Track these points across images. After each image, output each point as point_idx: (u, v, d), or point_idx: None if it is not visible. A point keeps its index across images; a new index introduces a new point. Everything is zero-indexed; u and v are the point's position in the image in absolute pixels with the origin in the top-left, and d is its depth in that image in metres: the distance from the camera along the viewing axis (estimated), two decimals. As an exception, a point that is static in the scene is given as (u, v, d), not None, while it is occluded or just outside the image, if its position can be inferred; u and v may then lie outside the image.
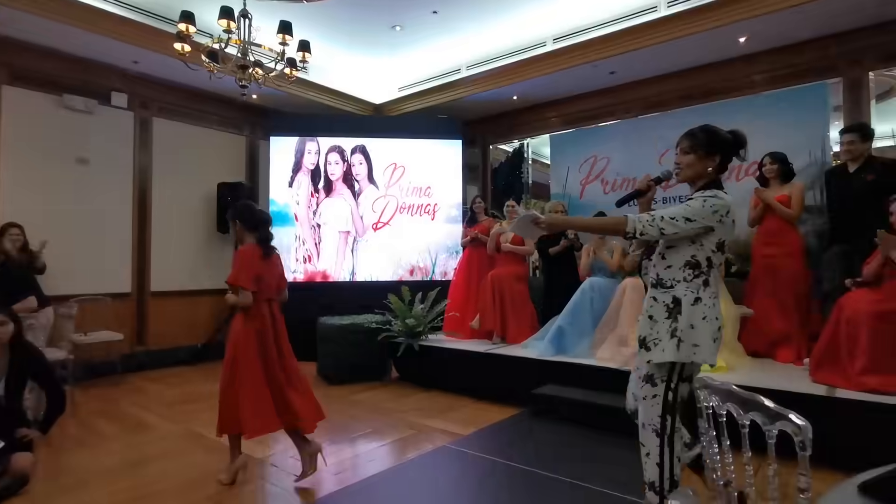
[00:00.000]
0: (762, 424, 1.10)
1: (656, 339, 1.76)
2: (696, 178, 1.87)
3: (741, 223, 4.01)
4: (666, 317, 1.76)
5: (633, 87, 5.40)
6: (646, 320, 1.81)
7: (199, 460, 2.83)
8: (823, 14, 3.96)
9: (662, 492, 1.73)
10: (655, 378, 1.77)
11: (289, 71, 3.98)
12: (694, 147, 1.85)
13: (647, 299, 1.84)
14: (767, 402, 1.10)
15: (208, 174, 5.94)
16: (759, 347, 3.63)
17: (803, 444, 0.99)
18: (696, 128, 1.90)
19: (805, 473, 1.01)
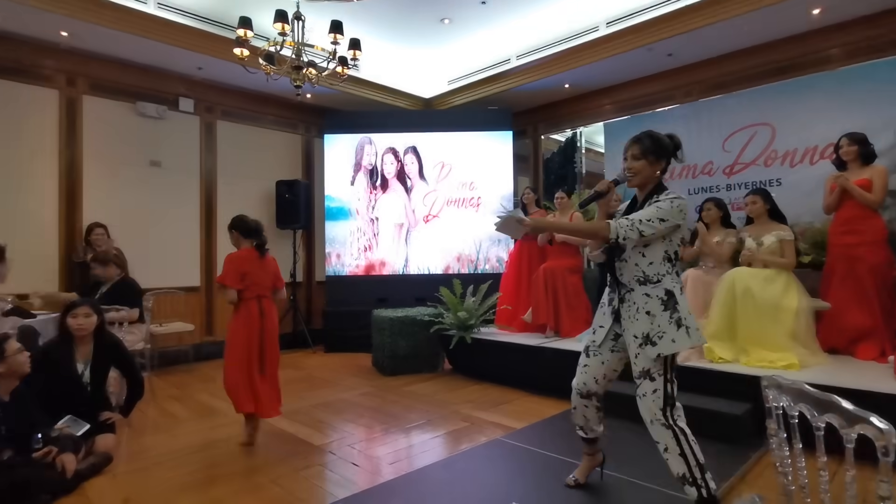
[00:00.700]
0: (839, 427, 1.02)
1: (661, 333, 1.83)
2: (646, 182, 2.00)
3: (816, 209, 3.76)
4: (663, 310, 1.85)
5: (692, 69, 5.13)
6: (644, 317, 1.87)
7: (263, 445, 2.98)
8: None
9: (696, 480, 1.79)
10: (653, 372, 1.85)
11: (340, 69, 4.07)
12: (645, 153, 1.97)
13: (639, 297, 1.90)
14: (845, 403, 1.02)
15: (267, 173, 6.20)
16: (837, 344, 3.38)
17: (886, 449, 0.91)
18: (642, 134, 2.01)
19: (887, 481, 0.93)
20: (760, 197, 3.62)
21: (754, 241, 3.58)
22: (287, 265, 6.25)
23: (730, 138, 4.50)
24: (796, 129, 4.15)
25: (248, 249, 3.12)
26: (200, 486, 2.44)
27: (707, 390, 3.08)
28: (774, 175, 4.24)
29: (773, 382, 1.24)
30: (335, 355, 5.74)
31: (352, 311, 5.88)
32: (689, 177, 4.76)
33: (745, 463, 2.54)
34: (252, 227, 3.16)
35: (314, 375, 4.80)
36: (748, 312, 3.31)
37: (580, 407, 2.17)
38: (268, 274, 3.17)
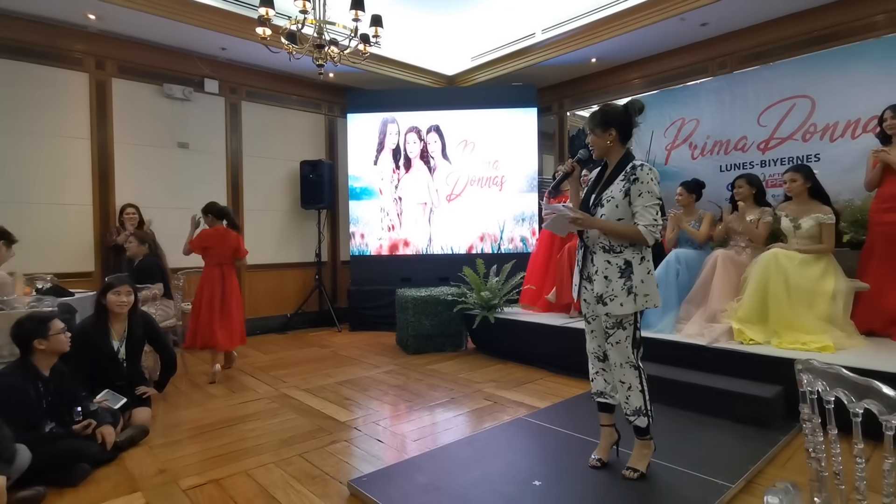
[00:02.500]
0: (878, 414, 0.98)
1: (612, 296, 2.06)
2: (605, 153, 2.17)
3: (857, 186, 3.59)
4: (619, 276, 2.06)
5: (727, 40, 4.91)
6: (601, 279, 2.09)
7: (291, 420, 3.06)
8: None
9: (648, 411, 2.12)
10: (624, 322, 2.09)
11: (362, 47, 4.02)
12: (593, 127, 2.14)
13: (601, 262, 2.10)
14: (886, 388, 0.98)
15: (291, 153, 6.24)
16: (876, 326, 3.25)
17: (929, 438, 0.87)
18: (596, 110, 2.17)
19: (930, 470, 0.89)
20: (801, 174, 3.44)
21: (791, 222, 3.44)
22: (312, 245, 6.32)
23: (766, 112, 4.31)
24: (837, 102, 3.94)
25: (217, 228, 4.06)
26: (231, 459, 2.52)
27: (737, 372, 3.03)
28: (813, 150, 4.05)
29: (807, 366, 1.19)
30: (360, 334, 5.82)
31: (376, 290, 5.93)
32: (721, 153, 4.59)
33: (774, 446, 2.48)
34: (223, 212, 4.13)
35: (339, 353, 4.89)
36: (782, 296, 3.20)
37: (599, 371, 2.29)
38: (227, 248, 4.08)
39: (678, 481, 2.14)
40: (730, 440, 2.58)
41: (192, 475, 2.36)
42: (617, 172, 2.11)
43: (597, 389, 2.31)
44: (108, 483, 2.30)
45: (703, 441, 2.57)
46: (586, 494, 2.09)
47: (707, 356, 3.20)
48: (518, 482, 2.19)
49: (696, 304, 3.62)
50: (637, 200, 2.03)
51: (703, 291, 3.62)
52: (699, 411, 2.89)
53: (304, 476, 2.33)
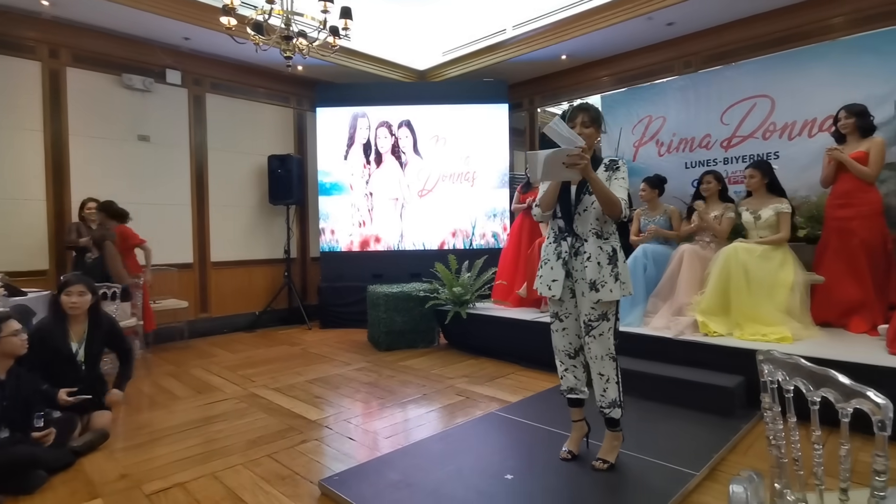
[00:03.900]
0: (835, 402, 1.02)
1: (603, 282, 2.09)
2: (591, 146, 2.16)
3: (813, 183, 3.74)
4: (608, 263, 2.11)
5: (692, 39, 5.03)
6: (594, 265, 2.11)
7: (260, 420, 3.00)
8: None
9: (622, 403, 2.19)
10: (609, 314, 2.13)
11: (332, 39, 3.95)
12: (593, 120, 2.16)
13: (593, 248, 2.11)
14: (842, 377, 1.02)
15: (259, 147, 6.10)
16: (830, 317, 3.40)
17: (882, 423, 0.91)
18: (586, 104, 2.20)
19: (883, 455, 0.93)
20: (759, 171, 3.58)
21: (751, 215, 3.56)
22: (281, 241, 6.20)
23: (728, 110, 4.44)
24: (796, 102, 4.09)
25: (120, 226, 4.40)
26: (198, 461, 2.46)
27: (701, 363, 3.12)
28: (772, 148, 4.20)
29: (768, 356, 1.23)
30: (330, 331, 5.75)
31: (347, 286, 5.87)
32: (686, 150, 4.71)
33: (736, 434, 2.57)
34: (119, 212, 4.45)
35: (310, 351, 4.82)
36: (743, 288, 3.32)
37: (570, 368, 2.30)
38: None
39: (645, 471, 2.19)
40: (694, 429, 2.66)
41: (156, 479, 2.28)
42: (595, 165, 2.14)
43: (567, 386, 2.32)
44: (65, 489, 2.21)
45: (669, 431, 2.64)
46: (557, 486, 2.12)
47: (673, 348, 3.28)
48: (490, 476, 2.20)
49: (664, 297, 3.71)
50: (614, 182, 2.11)
51: (669, 285, 3.72)
52: (665, 402, 2.97)
53: (274, 477, 2.29)
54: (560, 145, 1.98)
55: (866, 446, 0.97)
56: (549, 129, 2.00)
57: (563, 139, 1.97)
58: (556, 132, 1.98)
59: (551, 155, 1.95)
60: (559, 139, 1.99)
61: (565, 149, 1.94)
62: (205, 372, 4.10)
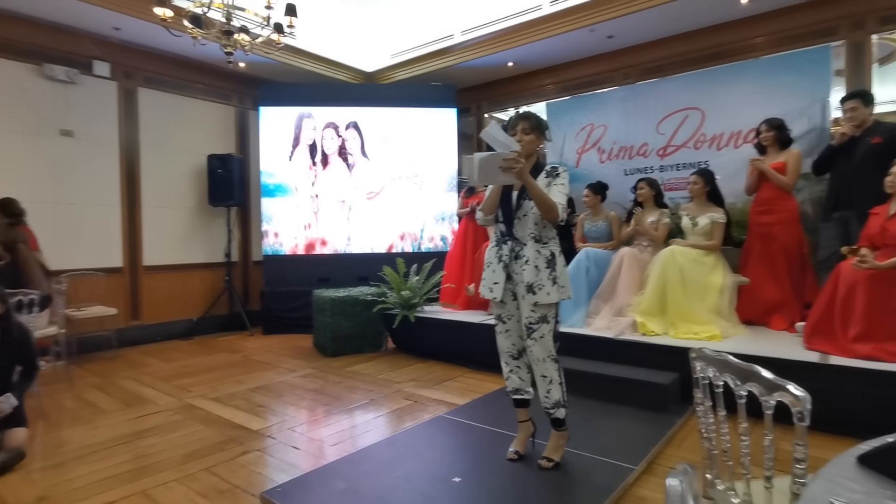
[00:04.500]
0: (759, 395, 1.09)
1: (540, 285, 2.12)
2: (531, 154, 2.22)
3: (739, 191, 4.01)
4: (546, 267, 2.14)
5: (631, 52, 5.27)
6: (532, 269, 2.14)
7: (196, 432, 2.85)
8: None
9: (566, 403, 2.23)
10: (548, 317, 2.16)
11: (276, 37, 3.84)
12: (534, 128, 2.21)
13: (531, 252, 2.15)
14: (765, 372, 1.09)
15: (197, 146, 5.82)
16: (754, 316, 3.64)
17: (801, 415, 0.98)
18: (528, 112, 2.27)
19: (802, 444, 1.00)
20: (703, 178, 3.78)
21: (690, 220, 3.77)
22: (221, 244, 5.94)
23: (663, 121, 4.68)
24: (723, 114, 4.37)
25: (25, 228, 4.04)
26: (126, 479, 2.30)
27: (639, 362, 3.25)
28: (703, 158, 4.46)
29: (700, 354, 1.30)
30: (274, 337, 5.56)
31: (291, 291, 5.70)
32: (625, 158, 4.92)
33: (671, 428, 2.70)
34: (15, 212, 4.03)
35: (252, 358, 4.64)
36: (678, 290, 3.50)
37: (514, 369, 2.35)
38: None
39: (588, 467, 2.25)
40: (633, 425, 2.77)
41: (80, 500, 2.12)
42: (536, 171, 2.19)
43: (512, 387, 2.36)
44: (-29, 518, 2.01)
45: (609, 427, 2.74)
46: (504, 487, 2.14)
47: (614, 348, 3.41)
48: (438, 480, 2.20)
49: (605, 299, 3.85)
50: (553, 188, 2.15)
51: (610, 287, 3.86)
52: (606, 400, 3.07)
53: (212, 491, 2.18)
54: (495, 149, 2.03)
55: (787, 436, 1.04)
56: (485, 133, 2.05)
57: (499, 143, 2.02)
58: (492, 137, 2.03)
59: (486, 158, 1.98)
60: (495, 143, 2.04)
61: (500, 153, 1.98)
62: (135, 383, 3.86)
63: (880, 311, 2.71)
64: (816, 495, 0.77)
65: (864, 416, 2.47)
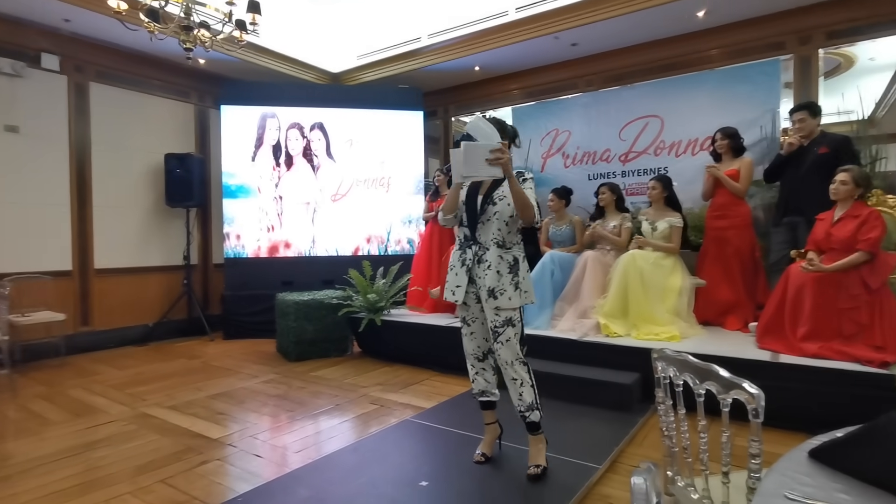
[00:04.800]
0: (717, 393, 1.12)
1: (502, 290, 2.13)
2: None
3: (696, 196, 4.16)
4: (508, 272, 2.15)
5: (594, 60, 5.39)
6: (493, 273, 2.14)
7: (152, 442, 2.73)
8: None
9: (539, 405, 2.21)
10: (514, 320, 2.17)
11: (238, 34, 3.74)
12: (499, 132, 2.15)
13: (494, 256, 2.15)
14: (722, 371, 1.12)
15: (154, 144, 5.61)
16: (710, 316, 3.77)
17: (756, 411, 1.02)
18: (491, 118, 2.25)
19: (757, 440, 1.04)
20: (661, 184, 3.89)
21: (650, 225, 3.87)
22: (179, 246, 5.74)
23: (625, 128, 4.81)
24: (681, 122, 4.53)
25: None
26: (76, 494, 2.18)
27: (603, 362, 3.32)
28: (662, 164, 4.60)
29: (661, 354, 1.34)
30: (235, 342, 5.41)
31: (254, 294, 5.56)
32: (589, 163, 5.02)
33: (633, 427, 2.76)
34: None
35: (212, 364, 4.49)
36: (639, 293, 3.59)
37: (480, 371, 2.35)
38: None
39: (553, 467, 2.28)
40: (597, 425, 2.82)
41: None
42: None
43: (478, 389, 2.36)
44: None
45: (574, 428, 2.78)
46: (471, 490, 2.14)
47: (578, 349, 3.47)
48: (405, 484, 2.18)
49: (569, 301, 3.92)
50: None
51: (575, 290, 3.93)
52: (571, 400, 3.12)
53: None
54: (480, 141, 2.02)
55: (743, 432, 1.07)
56: (471, 125, 2.04)
57: (485, 135, 2.01)
58: (478, 127, 2.02)
59: (472, 146, 1.95)
60: (480, 134, 2.02)
61: (486, 143, 1.97)
62: (85, 392, 3.67)
63: (826, 312, 2.86)
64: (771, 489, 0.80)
65: (812, 411, 2.59)
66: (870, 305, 2.78)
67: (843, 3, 4.16)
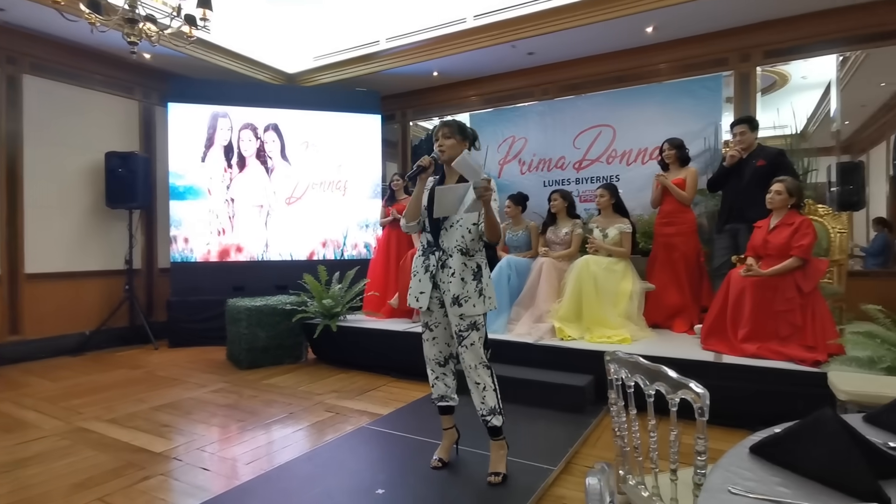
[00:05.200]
0: (666, 393, 1.16)
1: (467, 297, 2.14)
2: (454, 157, 2.18)
3: (645, 203, 4.32)
4: (472, 278, 2.17)
5: (550, 70, 5.53)
6: (458, 281, 2.15)
7: (88, 458, 2.57)
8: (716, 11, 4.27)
9: (501, 409, 2.23)
10: (478, 324, 2.18)
11: (188, 29, 3.60)
12: (453, 133, 2.23)
13: (458, 264, 2.15)
14: (671, 372, 1.16)
15: (94, 142, 5.30)
16: (659, 319, 3.92)
17: (702, 410, 1.06)
18: (449, 120, 2.31)
19: (703, 437, 1.08)
20: (609, 191, 4.02)
21: (601, 232, 3.99)
22: (121, 250, 5.44)
23: (579, 136, 4.94)
24: (632, 132, 4.70)
25: None
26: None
27: (558, 365, 3.38)
28: (614, 172, 4.76)
29: (614, 357, 1.37)
30: (182, 350, 5.17)
31: (203, 300, 5.34)
32: (544, 170, 5.13)
33: (587, 429, 2.83)
34: None
35: (156, 374, 4.27)
36: (592, 297, 3.69)
37: (440, 376, 2.34)
38: None
39: (509, 470, 2.28)
40: (552, 427, 2.87)
41: (-63, 546, 1.83)
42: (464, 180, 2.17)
43: (438, 394, 2.35)
44: None
45: (530, 430, 2.81)
46: (428, 496, 2.12)
47: (534, 353, 3.52)
48: (361, 493, 2.14)
49: (525, 306, 3.97)
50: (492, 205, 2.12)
51: (530, 295, 3.99)
52: (528, 404, 3.16)
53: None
54: (466, 177, 2.07)
55: (690, 430, 1.11)
56: (458, 162, 2.06)
57: (472, 171, 2.03)
58: (467, 164, 2.04)
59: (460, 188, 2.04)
60: (468, 171, 2.05)
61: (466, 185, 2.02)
62: (14, 406, 3.41)
63: (764, 314, 3.03)
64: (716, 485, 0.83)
65: (754, 409, 2.73)
66: (803, 308, 2.97)
67: (778, 24, 4.45)
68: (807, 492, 0.79)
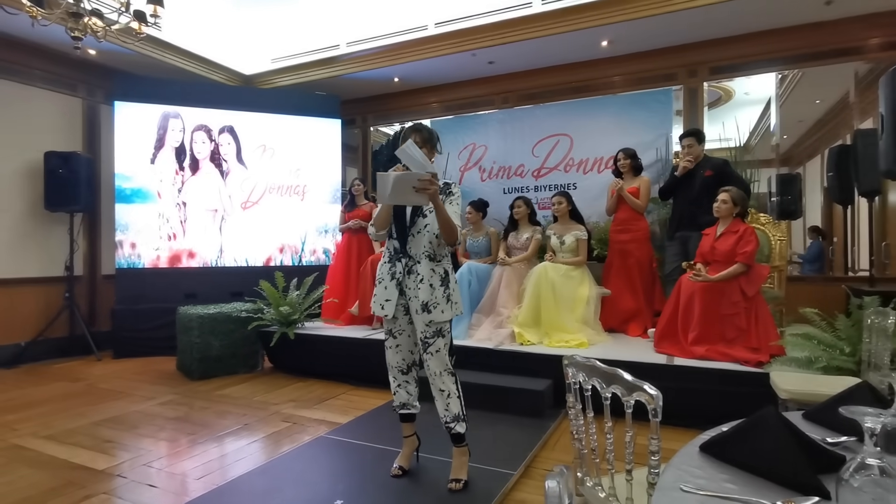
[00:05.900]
0: (621, 396, 1.19)
1: (436, 303, 2.13)
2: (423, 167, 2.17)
3: (601, 211, 4.44)
4: (440, 284, 2.16)
5: (510, 79, 5.63)
6: (427, 287, 2.13)
7: (23, 478, 2.40)
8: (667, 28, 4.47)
9: (465, 416, 2.22)
10: (443, 331, 2.17)
11: (137, 26, 3.46)
12: (426, 141, 2.24)
13: (426, 270, 2.14)
14: (626, 375, 1.19)
15: (32, 141, 5.00)
16: (614, 324, 4.03)
17: (655, 411, 1.09)
18: (420, 124, 2.31)
19: (656, 437, 1.11)
20: (565, 199, 4.12)
21: (557, 238, 4.07)
22: (61, 255, 5.14)
23: (538, 145, 5.04)
24: (588, 142, 4.84)
25: None
26: (-82, 546, 1.85)
27: (517, 370, 3.42)
28: (572, 180, 4.88)
29: (572, 361, 1.40)
30: (128, 361, 4.92)
31: (151, 308, 5.10)
32: (504, 177, 5.20)
33: (546, 432, 2.87)
34: None
35: (98, 387, 4.04)
36: (551, 302, 3.77)
37: (403, 384, 2.32)
38: None
39: (470, 476, 2.29)
40: (511, 431, 2.89)
41: None
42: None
43: (400, 402, 2.33)
44: None
45: (490, 435, 2.82)
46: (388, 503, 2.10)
47: (494, 358, 3.55)
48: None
49: (486, 312, 4.00)
50: (449, 207, 2.13)
51: (491, 301, 4.02)
52: (487, 409, 3.17)
53: (41, 548, 1.84)
54: (411, 168, 2.01)
55: (644, 431, 1.15)
56: (401, 151, 2.01)
57: (416, 163, 2.00)
58: (409, 155, 2.00)
59: (402, 177, 1.92)
60: (411, 162, 2.01)
61: (417, 173, 1.94)
62: (-64, 424, 3.15)
63: (712, 318, 3.16)
64: (668, 483, 0.86)
65: (704, 409, 2.84)
66: (747, 311, 3.12)
67: (723, 43, 4.70)
68: (753, 487, 0.83)
